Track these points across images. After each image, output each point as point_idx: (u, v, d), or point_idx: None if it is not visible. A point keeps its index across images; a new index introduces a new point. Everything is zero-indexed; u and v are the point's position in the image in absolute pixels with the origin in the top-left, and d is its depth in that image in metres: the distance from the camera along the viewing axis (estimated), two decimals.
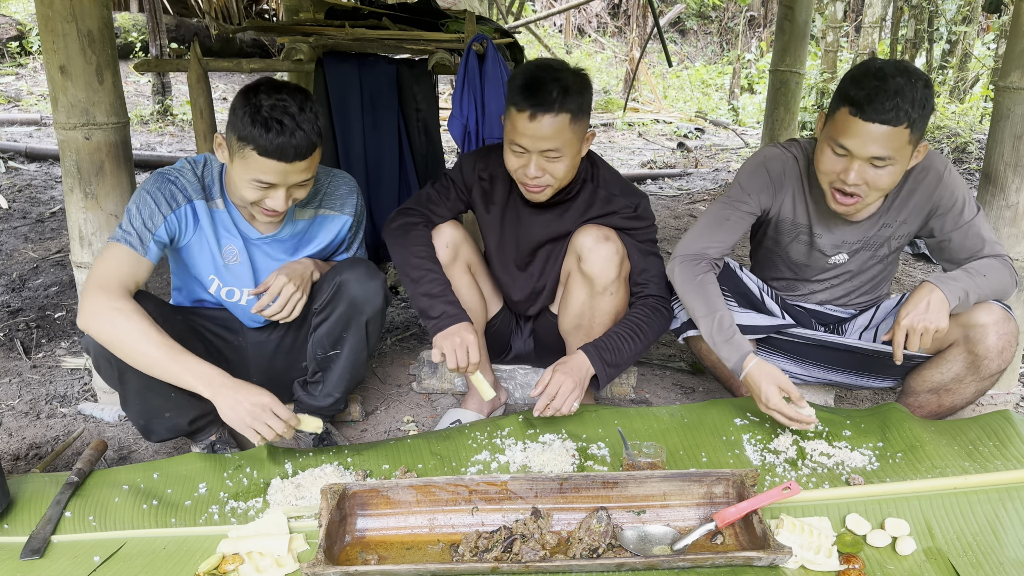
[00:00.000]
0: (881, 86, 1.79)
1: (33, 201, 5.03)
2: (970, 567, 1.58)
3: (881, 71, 1.82)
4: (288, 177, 1.79)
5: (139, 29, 8.94)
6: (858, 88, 1.82)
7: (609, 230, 2.15)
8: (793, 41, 4.04)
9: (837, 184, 1.93)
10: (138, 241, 1.86)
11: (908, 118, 1.80)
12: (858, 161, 1.87)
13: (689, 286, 2.08)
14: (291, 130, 1.72)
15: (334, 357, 2.08)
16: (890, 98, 1.78)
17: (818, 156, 1.97)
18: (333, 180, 2.11)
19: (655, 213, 2.26)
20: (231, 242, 2.00)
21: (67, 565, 1.60)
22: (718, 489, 1.74)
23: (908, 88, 1.79)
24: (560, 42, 13.95)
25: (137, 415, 2.00)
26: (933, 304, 1.93)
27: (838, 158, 1.91)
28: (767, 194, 2.14)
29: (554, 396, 1.98)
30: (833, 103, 1.90)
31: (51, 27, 2.06)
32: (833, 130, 1.89)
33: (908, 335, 1.95)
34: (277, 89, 1.77)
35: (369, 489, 1.70)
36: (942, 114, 7.54)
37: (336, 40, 3.03)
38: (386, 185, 3.13)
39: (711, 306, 2.04)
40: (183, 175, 1.93)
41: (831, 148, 1.91)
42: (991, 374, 2.06)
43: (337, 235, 2.13)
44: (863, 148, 1.84)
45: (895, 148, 1.83)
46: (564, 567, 1.54)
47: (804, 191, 2.14)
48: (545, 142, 1.95)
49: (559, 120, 1.93)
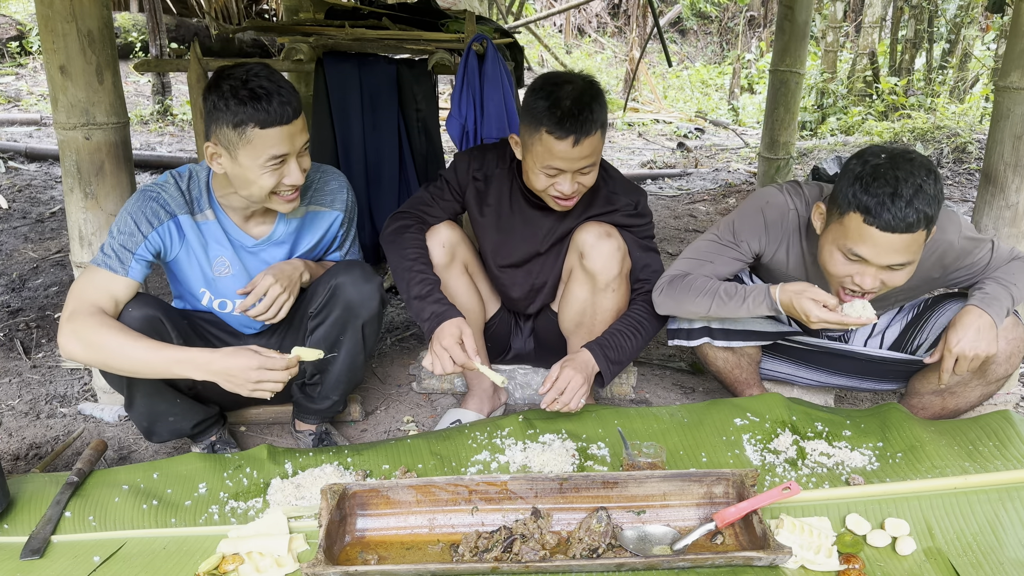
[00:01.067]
0: (896, 192, 1.69)
1: (33, 201, 5.04)
2: (970, 567, 1.59)
3: (892, 174, 1.72)
4: (294, 140, 1.78)
5: (139, 29, 8.94)
6: (870, 196, 1.71)
7: (611, 227, 2.15)
8: (793, 41, 4.05)
9: (850, 286, 1.85)
10: (117, 263, 1.85)
11: (927, 219, 1.72)
12: (874, 267, 1.79)
13: (676, 290, 2.04)
14: (274, 91, 1.73)
15: (331, 360, 2.07)
16: (908, 204, 1.69)
17: (825, 257, 1.87)
18: (323, 176, 2.08)
19: (655, 213, 2.26)
20: (221, 253, 1.97)
21: (67, 565, 1.60)
22: (718, 489, 1.74)
23: (923, 188, 1.70)
24: (560, 42, 13.95)
25: (141, 417, 2.00)
26: (983, 329, 1.90)
27: (850, 263, 1.82)
28: (758, 241, 2.06)
29: (563, 391, 1.98)
30: (838, 202, 1.79)
31: (51, 27, 2.06)
32: (843, 236, 1.79)
33: (958, 359, 1.91)
34: (234, 68, 1.78)
35: (369, 489, 1.70)
36: (942, 114, 7.54)
37: (336, 40, 3.03)
38: (386, 185, 3.13)
39: (706, 290, 2.00)
40: (165, 190, 1.90)
41: (842, 253, 1.82)
42: (997, 379, 2.06)
43: (328, 231, 2.09)
44: (881, 257, 1.76)
45: (914, 251, 1.76)
46: (564, 567, 1.54)
47: (801, 247, 2.05)
48: (583, 161, 1.97)
49: (595, 138, 1.96)
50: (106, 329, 1.76)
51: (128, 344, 1.75)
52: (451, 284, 2.24)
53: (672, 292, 2.07)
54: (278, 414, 2.38)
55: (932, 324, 2.17)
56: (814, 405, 2.16)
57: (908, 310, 2.26)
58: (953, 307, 2.14)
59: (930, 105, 8.10)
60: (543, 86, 1.97)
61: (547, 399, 1.99)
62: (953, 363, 1.92)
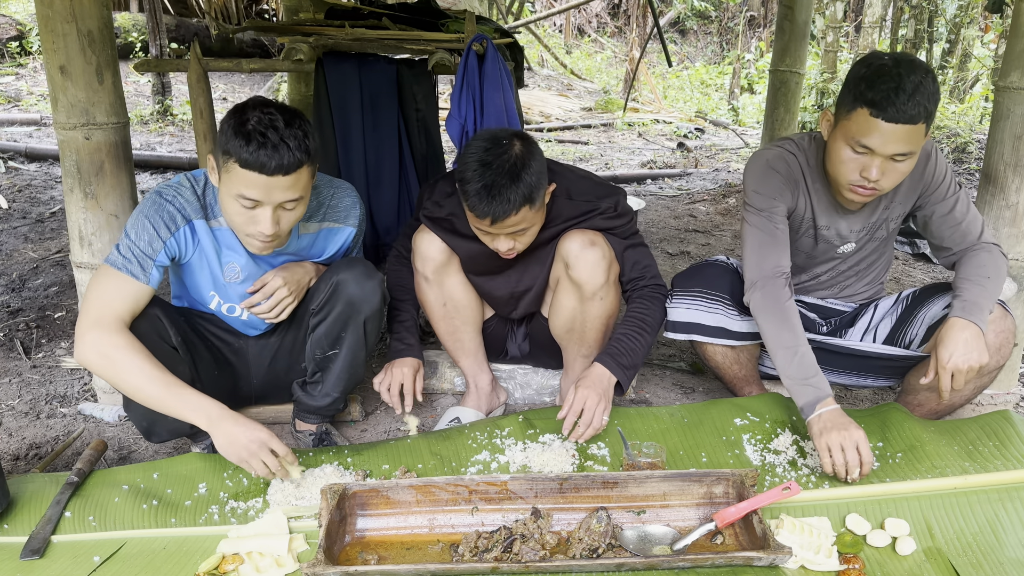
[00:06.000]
0: (899, 86, 1.81)
1: (33, 201, 5.04)
2: (970, 567, 1.59)
3: (895, 70, 1.83)
4: (272, 194, 1.73)
5: (139, 29, 8.94)
6: (875, 90, 1.83)
7: (595, 234, 2.11)
8: (793, 41, 4.04)
9: (858, 180, 1.95)
10: (139, 269, 1.82)
11: (926, 113, 1.83)
12: (880, 158, 1.89)
13: (773, 312, 2.03)
14: (274, 143, 1.68)
15: (332, 357, 2.08)
16: (910, 97, 1.80)
17: (834, 155, 1.97)
18: (337, 192, 2.08)
19: (655, 213, 2.26)
20: (233, 260, 1.97)
21: (67, 565, 1.60)
22: (718, 489, 1.74)
23: (923, 84, 1.82)
24: (560, 42, 13.95)
25: (140, 418, 2.00)
26: (971, 340, 1.92)
27: (858, 156, 1.92)
28: (788, 193, 2.14)
29: (580, 412, 1.95)
30: (845, 102, 1.90)
31: (51, 27, 2.06)
32: (852, 130, 1.90)
33: (954, 375, 1.93)
34: (266, 105, 1.74)
35: (369, 489, 1.70)
36: (942, 114, 7.54)
37: (336, 40, 3.03)
38: (386, 185, 3.13)
39: (795, 338, 1.97)
40: (181, 194, 1.88)
41: (850, 147, 1.92)
42: (990, 371, 2.07)
43: (341, 246, 2.12)
44: (886, 147, 1.86)
45: (915, 142, 1.87)
46: (564, 567, 1.54)
47: (807, 186, 2.15)
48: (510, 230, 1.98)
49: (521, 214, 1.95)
50: (124, 353, 1.74)
51: (144, 375, 1.73)
52: (448, 283, 2.23)
53: (768, 300, 2.03)
54: (278, 414, 2.38)
55: (922, 317, 2.20)
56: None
57: (898, 304, 2.28)
58: (941, 300, 2.16)
59: None
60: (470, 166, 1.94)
61: (566, 425, 1.95)
62: (950, 379, 1.94)
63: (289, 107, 1.78)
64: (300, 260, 2.06)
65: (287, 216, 1.80)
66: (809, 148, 2.13)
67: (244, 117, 1.71)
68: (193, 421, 1.74)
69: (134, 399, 1.79)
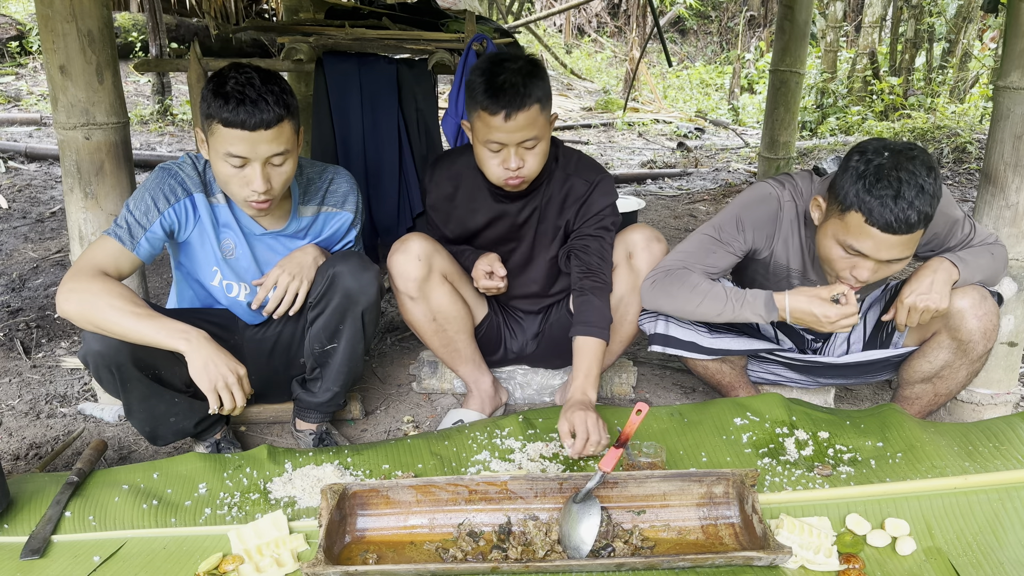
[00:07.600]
0: (898, 194, 1.71)
1: (33, 201, 5.04)
2: (970, 567, 1.59)
3: (894, 174, 1.73)
4: (257, 148, 1.78)
5: (139, 29, 8.94)
6: (872, 195, 1.73)
7: (659, 233, 2.23)
8: (793, 41, 4.04)
9: (848, 278, 1.89)
10: (127, 235, 1.88)
11: (926, 218, 1.75)
12: (872, 261, 1.82)
13: (667, 283, 2.05)
14: (252, 99, 1.75)
15: (331, 351, 2.08)
16: (910, 205, 1.71)
17: (823, 249, 1.91)
18: (335, 178, 2.13)
19: (655, 213, 2.27)
20: (229, 236, 2.01)
21: (67, 565, 1.60)
22: (718, 489, 1.74)
23: (924, 188, 1.72)
24: (560, 42, 13.95)
25: (142, 423, 2.00)
26: (937, 283, 1.92)
27: (849, 256, 1.85)
28: (761, 234, 2.07)
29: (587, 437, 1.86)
30: (838, 197, 1.81)
31: (51, 27, 2.06)
32: (844, 232, 1.81)
33: (910, 311, 1.94)
34: (241, 68, 1.81)
35: (369, 489, 1.70)
36: (942, 114, 7.54)
37: (336, 40, 3.03)
38: (386, 185, 3.13)
39: (700, 288, 1.99)
40: (183, 169, 1.95)
41: (841, 248, 1.85)
42: (979, 355, 2.07)
43: (338, 231, 2.15)
44: (880, 253, 1.79)
45: (912, 246, 1.80)
46: (564, 567, 1.54)
47: (800, 236, 2.07)
48: (521, 134, 1.98)
49: (531, 112, 1.96)
50: (98, 287, 1.78)
51: (120, 302, 1.77)
52: (432, 296, 2.23)
53: (666, 286, 2.07)
54: (278, 414, 2.38)
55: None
56: (814, 405, 2.16)
57: (879, 300, 2.28)
58: None
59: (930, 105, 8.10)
60: (479, 66, 2.01)
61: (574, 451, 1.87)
62: (906, 313, 1.95)
63: (265, 68, 1.85)
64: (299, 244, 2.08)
65: (277, 173, 1.85)
66: (808, 191, 2.05)
67: (222, 80, 1.78)
68: (174, 346, 1.76)
69: (111, 333, 1.80)
